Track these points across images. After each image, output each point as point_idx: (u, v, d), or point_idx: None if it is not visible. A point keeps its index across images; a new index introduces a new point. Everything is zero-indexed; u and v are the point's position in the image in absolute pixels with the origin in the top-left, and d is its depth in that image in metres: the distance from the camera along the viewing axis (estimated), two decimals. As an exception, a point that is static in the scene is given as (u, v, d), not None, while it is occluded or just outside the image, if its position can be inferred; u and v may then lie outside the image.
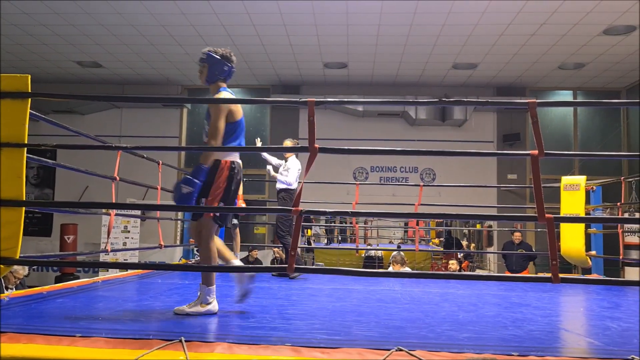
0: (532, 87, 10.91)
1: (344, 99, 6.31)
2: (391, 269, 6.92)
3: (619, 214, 6.69)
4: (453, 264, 9.09)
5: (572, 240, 6.01)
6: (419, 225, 8.16)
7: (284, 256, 7.30)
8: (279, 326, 2.79)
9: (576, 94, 10.96)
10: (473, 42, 8.50)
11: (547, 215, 2.44)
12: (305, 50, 9.12)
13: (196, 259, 6.65)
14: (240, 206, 5.91)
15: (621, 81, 10.30)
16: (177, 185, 3.01)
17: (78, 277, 8.31)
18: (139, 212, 7.47)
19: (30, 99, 2.78)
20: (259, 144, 6.45)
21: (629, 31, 7.85)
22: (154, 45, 8.96)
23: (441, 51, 8.93)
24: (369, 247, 12.89)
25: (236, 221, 6.14)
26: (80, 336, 2.31)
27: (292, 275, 5.32)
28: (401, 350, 2.17)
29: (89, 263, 7.82)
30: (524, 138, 10.73)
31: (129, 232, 9.64)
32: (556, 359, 2.21)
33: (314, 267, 7.45)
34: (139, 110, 11.34)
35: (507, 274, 7.68)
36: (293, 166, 5.79)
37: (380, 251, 12.37)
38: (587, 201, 6.29)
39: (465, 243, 14.97)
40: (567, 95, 11.03)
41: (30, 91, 2.77)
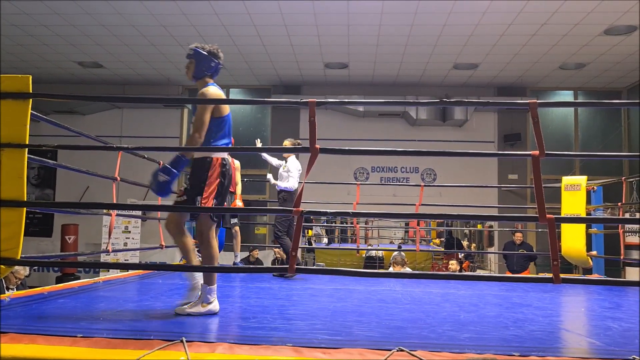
0: (533, 87, 10.90)
1: (345, 100, 6.30)
2: (392, 270, 6.92)
3: (619, 214, 6.68)
4: (453, 264, 9.07)
5: (573, 241, 6.01)
6: (419, 225, 8.15)
7: (284, 256, 7.29)
8: (280, 326, 2.79)
9: (577, 94, 10.95)
10: (474, 42, 8.50)
11: (548, 215, 2.44)
12: (306, 51, 9.12)
13: (197, 258, 6.63)
14: (238, 206, 5.93)
15: (622, 81, 10.29)
16: (155, 173, 3.02)
17: (79, 278, 8.31)
18: (139, 212, 7.48)
19: (31, 99, 2.78)
20: (259, 144, 6.43)
21: (630, 31, 7.84)
22: (154, 46, 8.96)
23: (442, 51, 8.93)
24: (369, 247, 12.88)
25: (235, 220, 6.13)
26: (82, 336, 2.31)
27: (287, 275, 5.32)
28: (402, 351, 2.16)
29: (90, 263, 7.81)
30: (524, 138, 10.72)
31: (130, 232, 9.65)
32: (557, 359, 2.21)
33: (314, 267, 7.43)
34: (139, 111, 11.35)
35: (508, 274, 7.68)
36: (293, 168, 5.75)
37: (381, 251, 12.36)
38: (588, 201, 6.29)
39: (466, 243, 14.97)
40: (567, 96, 11.02)
41: (31, 92, 2.77)
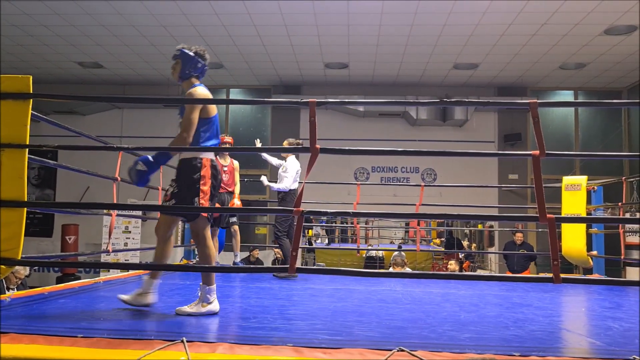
0: (533, 87, 10.90)
1: (345, 100, 6.29)
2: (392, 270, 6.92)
3: (620, 214, 6.69)
4: (452, 264, 9.06)
5: (574, 241, 6.01)
6: (420, 225, 8.15)
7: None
8: (280, 326, 2.79)
9: (577, 94, 10.95)
10: (474, 42, 8.50)
11: (548, 215, 2.44)
12: (306, 51, 9.12)
13: (197, 259, 6.64)
14: (237, 205, 5.94)
15: (622, 81, 10.29)
16: (135, 162, 3.03)
17: (79, 278, 8.31)
18: (140, 212, 7.48)
19: (31, 99, 2.78)
20: (258, 144, 6.43)
21: (630, 31, 7.84)
22: (154, 46, 8.96)
23: (442, 51, 8.93)
24: (370, 247, 12.88)
25: (234, 219, 6.13)
26: (82, 336, 2.31)
27: (280, 275, 5.31)
28: (403, 351, 2.16)
29: (90, 263, 7.81)
30: (525, 138, 10.72)
31: (130, 232, 9.64)
32: (558, 359, 2.21)
33: (315, 267, 7.43)
34: (140, 111, 11.35)
35: (509, 274, 7.68)
36: (291, 168, 5.73)
37: (381, 251, 12.36)
38: (589, 201, 6.29)
39: (467, 243, 14.96)
40: (568, 96, 11.01)
41: (31, 92, 2.77)
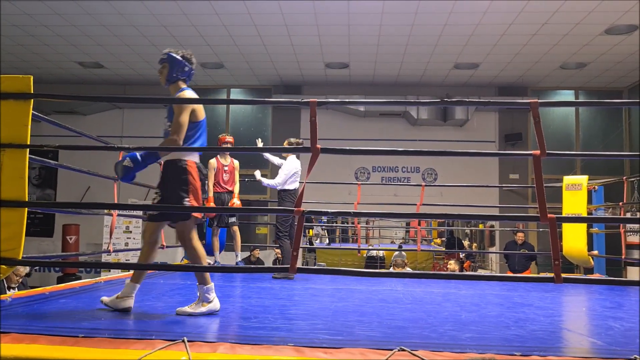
0: (534, 87, 10.89)
1: (346, 100, 6.29)
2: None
3: (621, 214, 6.69)
4: (451, 264, 9.05)
5: (574, 240, 6.01)
6: (420, 225, 8.15)
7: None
8: (281, 326, 2.79)
9: (578, 93, 10.94)
10: (474, 42, 8.49)
11: (549, 215, 2.44)
12: (306, 51, 9.12)
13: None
14: (236, 205, 5.94)
15: (623, 81, 10.28)
16: (123, 157, 3.04)
17: (80, 278, 8.31)
18: (140, 212, 7.47)
19: (32, 99, 2.78)
20: (259, 144, 6.43)
21: (631, 31, 7.84)
22: (155, 46, 8.96)
23: (442, 51, 8.93)
24: (370, 247, 12.88)
25: (234, 220, 6.13)
26: (83, 336, 2.31)
27: (276, 275, 5.31)
28: (403, 350, 2.16)
29: (91, 263, 7.82)
30: (525, 138, 10.72)
31: (131, 232, 9.65)
32: (559, 359, 2.21)
33: (315, 267, 7.42)
34: (140, 111, 11.34)
35: (510, 274, 7.68)
36: (286, 167, 5.72)
37: (382, 251, 12.36)
38: (589, 201, 6.29)
39: (467, 243, 14.96)
40: (568, 95, 11.00)
41: (32, 92, 2.77)
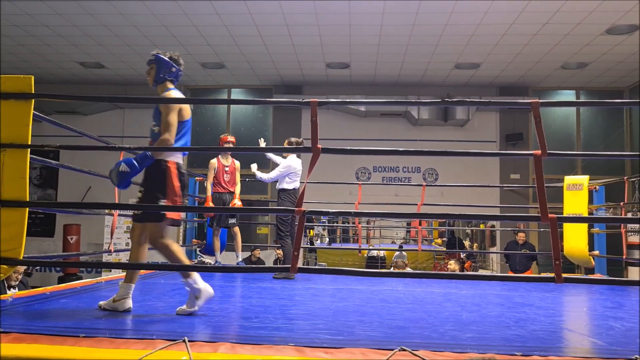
0: (535, 87, 10.88)
1: (347, 100, 6.29)
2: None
3: (622, 214, 6.68)
4: (451, 264, 9.04)
5: (575, 240, 6.01)
6: (421, 225, 8.14)
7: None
8: (282, 326, 2.79)
9: (579, 93, 10.93)
10: (475, 42, 8.49)
11: (550, 215, 2.44)
12: (307, 51, 9.12)
13: (199, 259, 6.65)
14: (237, 205, 5.93)
15: (624, 81, 10.27)
16: (118, 163, 3.04)
17: (81, 278, 8.32)
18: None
19: (33, 99, 2.78)
20: (262, 144, 6.43)
21: (632, 30, 7.83)
22: (156, 46, 8.87)
23: (443, 51, 8.92)
24: (371, 247, 12.88)
25: (234, 220, 6.13)
26: (84, 336, 2.32)
27: (276, 275, 5.31)
28: (404, 350, 2.16)
29: (92, 263, 7.83)
30: (526, 138, 10.71)
31: (132, 232, 9.63)
32: (559, 359, 2.21)
33: (316, 267, 7.42)
34: (141, 111, 11.33)
35: (510, 274, 7.67)
36: (283, 164, 5.72)
37: (383, 251, 12.36)
38: (590, 201, 6.28)
39: (468, 243, 14.96)
40: (569, 95, 11.00)
41: (33, 92, 2.78)
